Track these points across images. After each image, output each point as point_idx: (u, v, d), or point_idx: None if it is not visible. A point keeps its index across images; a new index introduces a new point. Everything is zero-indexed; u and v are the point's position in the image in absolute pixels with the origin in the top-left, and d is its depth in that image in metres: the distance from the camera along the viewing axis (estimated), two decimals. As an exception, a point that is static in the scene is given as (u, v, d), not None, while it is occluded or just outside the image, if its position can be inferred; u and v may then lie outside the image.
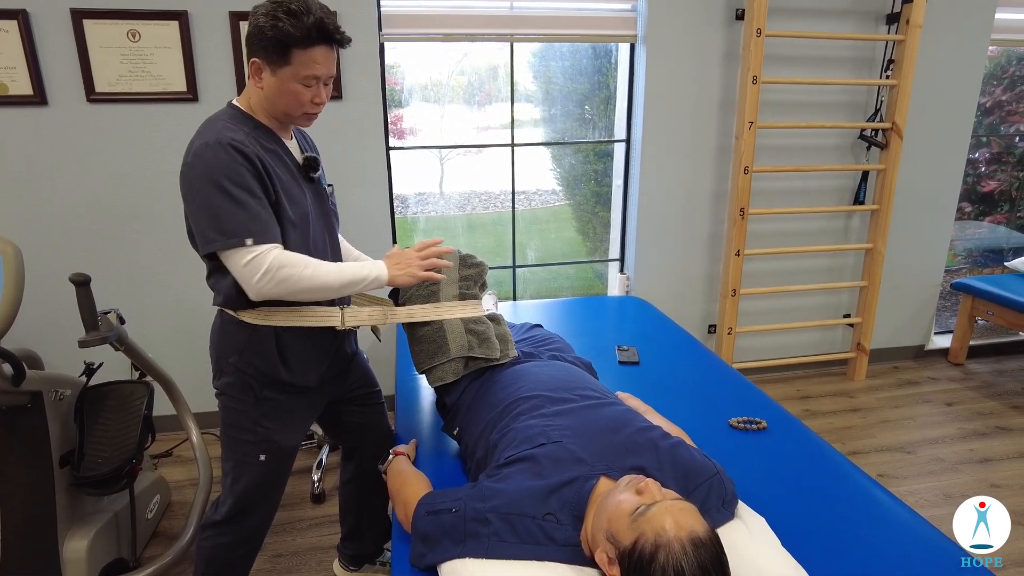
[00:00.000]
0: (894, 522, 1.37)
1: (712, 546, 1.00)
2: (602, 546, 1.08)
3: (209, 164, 1.29)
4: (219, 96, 2.63)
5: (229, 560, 1.62)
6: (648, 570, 0.99)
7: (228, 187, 1.28)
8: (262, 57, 1.32)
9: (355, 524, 1.97)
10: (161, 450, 2.83)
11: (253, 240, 1.29)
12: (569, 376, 1.58)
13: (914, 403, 3.27)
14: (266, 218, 1.33)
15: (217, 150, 1.29)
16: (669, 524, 1.01)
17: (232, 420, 1.53)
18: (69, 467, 1.88)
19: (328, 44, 1.32)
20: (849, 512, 1.40)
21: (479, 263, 1.80)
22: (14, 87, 2.46)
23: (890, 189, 3.23)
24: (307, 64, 1.31)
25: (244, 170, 1.30)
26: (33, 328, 2.66)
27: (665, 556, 0.98)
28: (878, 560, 1.25)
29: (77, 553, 1.85)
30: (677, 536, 0.99)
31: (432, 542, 1.19)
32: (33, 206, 2.61)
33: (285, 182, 1.40)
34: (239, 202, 1.29)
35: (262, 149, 1.37)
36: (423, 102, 3.34)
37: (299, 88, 1.33)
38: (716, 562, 0.99)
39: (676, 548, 0.98)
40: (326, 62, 1.33)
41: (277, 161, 1.41)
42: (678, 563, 0.97)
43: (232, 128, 1.34)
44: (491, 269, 1.89)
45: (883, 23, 3.14)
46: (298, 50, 1.29)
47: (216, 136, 1.30)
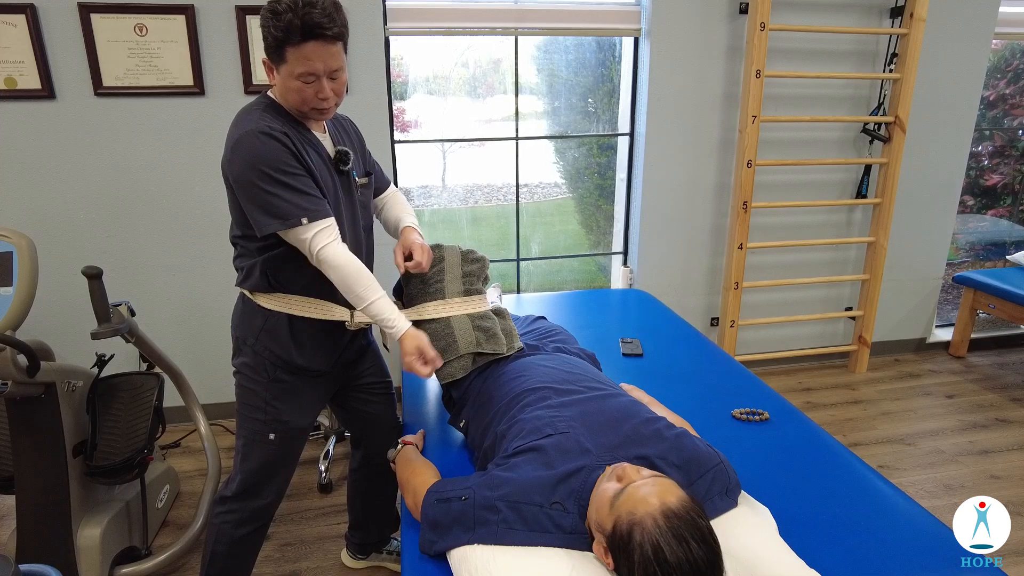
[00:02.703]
0: (894, 512, 1.39)
1: (687, 514, 1.01)
2: (596, 538, 1.11)
3: (252, 153, 1.33)
4: (225, 90, 2.65)
5: (236, 537, 1.65)
6: (628, 551, 1.01)
7: (273, 173, 1.34)
8: (268, 56, 1.36)
9: (362, 513, 2.01)
10: (169, 441, 2.86)
11: (308, 219, 1.36)
12: (574, 368, 1.60)
13: (915, 395, 3.30)
14: (314, 195, 1.38)
15: (258, 139, 1.33)
16: (639, 501, 1.03)
17: (246, 399, 1.59)
18: (82, 457, 1.92)
19: (318, 39, 1.29)
20: (850, 502, 1.42)
21: (480, 258, 1.82)
22: (23, 81, 2.48)
23: (892, 183, 3.25)
24: (300, 61, 1.31)
25: (288, 153, 1.35)
26: (42, 320, 2.69)
27: (640, 533, 1.00)
28: (878, 548, 1.27)
29: (90, 540, 1.88)
30: (648, 512, 1.01)
31: (442, 529, 1.22)
32: (42, 199, 2.63)
33: (317, 170, 1.44)
34: (288, 186, 1.35)
35: (296, 137, 1.40)
36: (425, 94, 3.35)
37: (300, 85, 1.34)
38: (692, 528, 0.99)
39: (649, 524, 1.00)
40: (320, 57, 1.31)
41: (310, 150, 1.44)
42: (653, 538, 0.98)
43: (268, 117, 1.38)
44: (495, 262, 1.91)
45: (887, 17, 3.14)
46: (290, 48, 1.30)
47: (255, 125, 1.35)
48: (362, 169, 1.63)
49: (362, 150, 1.66)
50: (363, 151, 1.67)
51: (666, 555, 0.97)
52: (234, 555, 1.67)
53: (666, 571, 0.97)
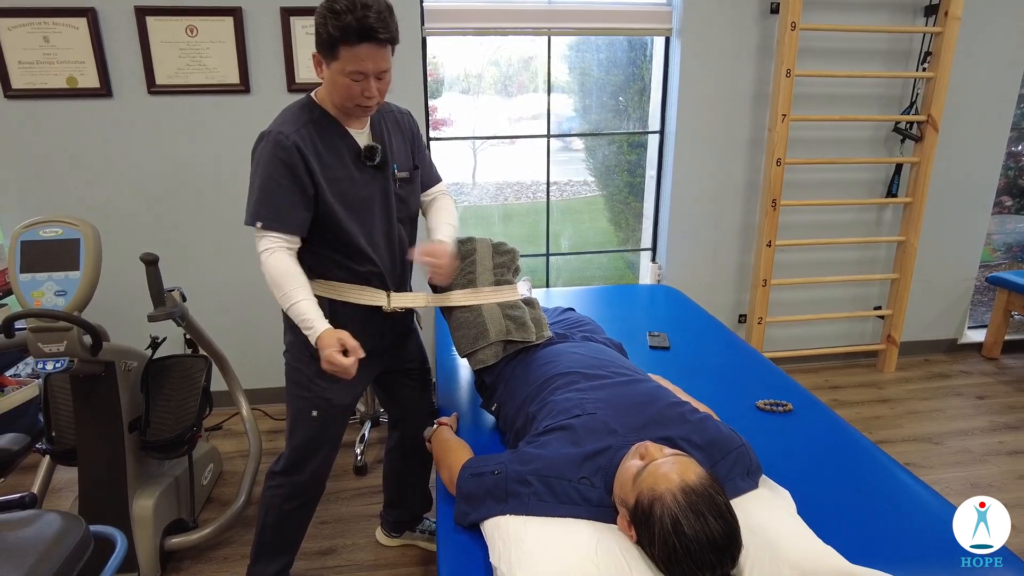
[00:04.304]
0: (916, 502, 1.41)
1: (705, 490, 1.07)
2: (620, 512, 1.18)
3: (259, 152, 1.48)
4: (269, 88, 2.77)
5: (285, 511, 1.76)
6: (649, 524, 1.08)
7: (262, 175, 1.47)
8: (319, 52, 1.44)
9: (397, 491, 2.10)
10: (212, 424, 2.99)
11: (262, 225, 1.47)
12: (602, 355, 1.67)
13: (944, 395, 3.28)
14: (283, 207, 1.48)
15: (268, 140, 1.46)
16: (660, 478, 1.09)
17: (292, 377, 1.69)
18: (137, 432, 2.04)
19: (372, 42, 1.37)
20: (871, 491, 1.45)
21: (510, 249, 1.90)
22: (83, 80, 2.63)
23: (924, 182, 3.24)
24: (352, 60, 1.39)
25: (279, 162, 1.45)
26: (94, 303, 2.83)
27: (660, 508, 1.06)
28: (899, 537, 1.30)
29: (144, 511, 2.01)
30: (668, 488, 1.07)
31: (475, 501, 1.30)
32: (99, 191, 2.78)
33: (334, 171, 1.52)
34: (265, 189, 1.47)
35: (314, 139, 1.49)
36: (456, 93, 3.43)
37: (348, 82, 1.42)
38: (710, 504, 1.05)
39: (668, 499, 1.06)
40: (371, 58, 1.39)
41: (330, 150, 1.52)
42: (672, 512, 1.05)
43: (291, 121, 1.49)
44: (524, 257, 1.98)
45: (920, 15, 3.14)
46: (344, 47, 1.37)
47: (276, 127, 1.48)
48: (409, 163, 1.68)
49: (412, 144, 1.71)
50: (414, 145, 1.72)
51: (684, 528, 1.04)
52: (283, 527, 1.78)
53: (684, 544, 1.03)
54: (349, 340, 1.46)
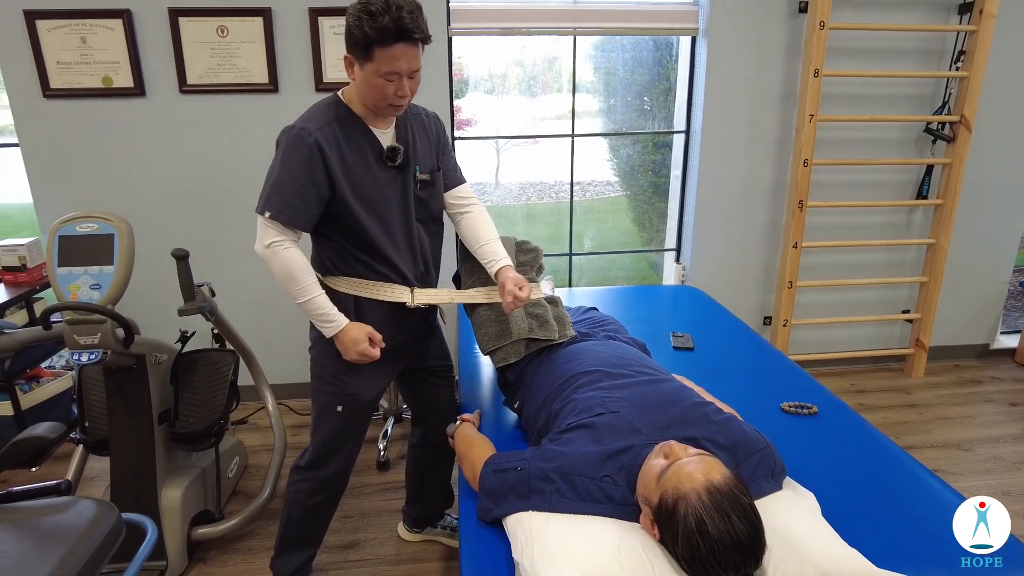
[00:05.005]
0: (945, 508, 1.37)
1: (730, 490, 1.06)
2: (644, 510, 1.18)
3: (281, 145, 1.51)
4: (297, 87, 2.81)
5: (309, 505, 1.79)
6: (673, 523, 1.08)
7: (280, 168, 1.49)
8: (351, 53, 1.46)
9: (419, 487, 2.12)
10: (238, 417, 3.04)
11: (271, 215, 1.48)
12: (625, 354, 1.67)
13: (975, 402, 3.22)
14: (295, 202, 1.49)
15: (290, 135, 1.49)
16: (685, 477, 1.09)
17: (317, 372, 1.71)
18: (166, 424, 2.09)
19: (406, 42, 1.40)
20: (897, 495, 1.43)
21: (534, 248, 1.90)
22: (118, 80, 2.69)
23: (956, 184, 3.18)
24: (387, 61, 1.40)
25: (299, 157, 1.47)
26: (126, 297, 2.90)
27: (684, 507, 1.06)
28: (927, 543, 1.28)
29: (173, 501, 2.05)
30: (693, 487, 1.07)
31: (498, 497, 1.31)
32: (132, 187, 2.85)
33: (354, 170, 1.53)
34: (280, 182, 1.48)
35: (337, 137, 1.51)
36: (480, 92, 3.45)
37: (382, 82, 1.44)
38: (734, 504, 1.05)
39: (693, 498, 1.06)
40: (405, 58, 1.42)
41: (353, 148, 1.54)
42: (696, 512, 1.05)
43: (316, 118, 1.51)
44: (547, 256, 1.98)
45: (954, 13, 3.08)
46: (379, 48, 1.39)
47: (300, 123, 1.51)
48: (431, 165, 1.68)
49: (436, 146, 1.72)
50: (438, 148, 1.72)
51: (708, 528, 1.03)
52: (306, 521, 1.81)
53: (708, 544, 1.03)
54: (375, 333, 1.59)
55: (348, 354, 1.58)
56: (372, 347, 1.58)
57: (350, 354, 1.58)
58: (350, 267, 1.62)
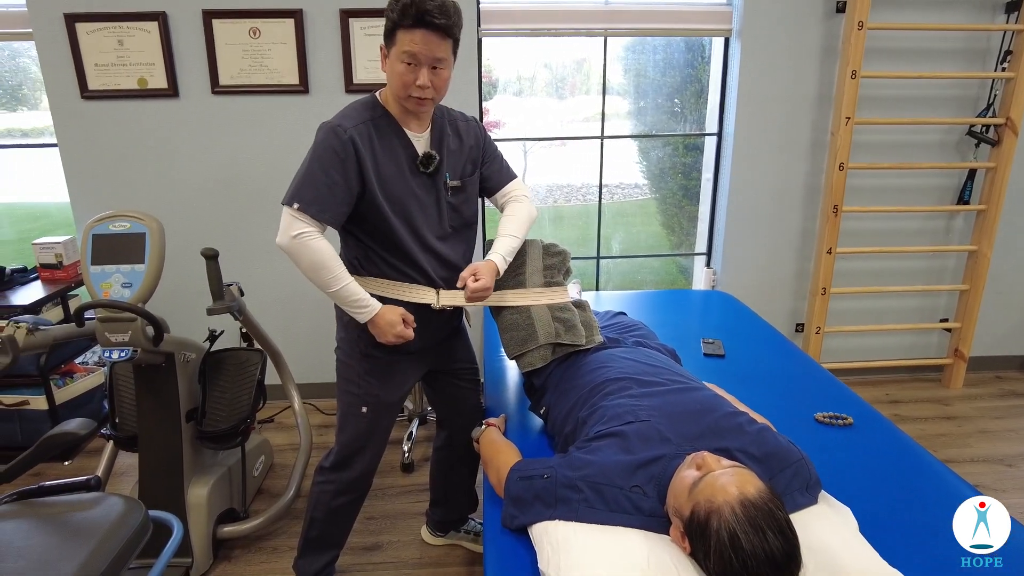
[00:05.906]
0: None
1: (765, 504, 1.03)
2: (674, 523, 1.14)
3: (316, 140, 1.51)
4: (327, 88, 2.82)
5: (333, 507, 1.78)
6: (705, 537, 1.04)
7: (313, 161, 1.49)
8: (384, 42, 1.48)
9: (443, 491, 2.11)
10: (264, 416, 3.07)
11: (299, 207, 1.48)
12: (655, 361, 1.63)
13: (1018, 414, 3.10)
14: (324, 196, 1.49)
15: (325, 130, 1.49)
16: (718, 490, 1.05)
17: (342, 373, 1.72)
18: (193, 422, 2.10)
19: (427, 28, 1.40)
20: (936, 509, 1.38)
21: (561, 251, 1.88)
22: (152, 81, 2.73)
23: (1000, 189, 3.07)
24: (405, 42, 1.41)
25: (332, 152, 1.47)
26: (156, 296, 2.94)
27: (717, 521, 1.03)
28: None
29: (199, 499, 2.07)
30: (726, 500, 1.03)
31: (524, 504, 1.28)
32: (163, 187, 2.89)
33: (386, 170, 1.53)
34: (311, 175, 1.49)
35: (371, 137, 1.50)
36: (508, 94, 3.43)
37: (402, 68, 1.44)
38: (769, 519, 1.01)
39: (727, 512, 1.02)
40: (423, 43, 1.41)
41: (386, 150, 1.53)
42: (730, 526, 1.01)
43: (352, 116, 1.52)
44: (574, 259, 1.95)
45: (1000, 12, 2.98)
46: (401, 30, 1.41)
47: (337, 119, 1.51)
48: (464, 171, 1.66)
49: (479, 152, 1.69)
50: (481, 153, 1.70)
51: (742, 543, 1.00)
52: (330, 522, 1.81)
53: (742, 559, 0.99)
54: (407, 314, 1.60)
55: (384, 336, 1.57)
56: (406, 327, 1.58)
57: (387, 336, 1.57)
58: (376, 268, 1.61)
